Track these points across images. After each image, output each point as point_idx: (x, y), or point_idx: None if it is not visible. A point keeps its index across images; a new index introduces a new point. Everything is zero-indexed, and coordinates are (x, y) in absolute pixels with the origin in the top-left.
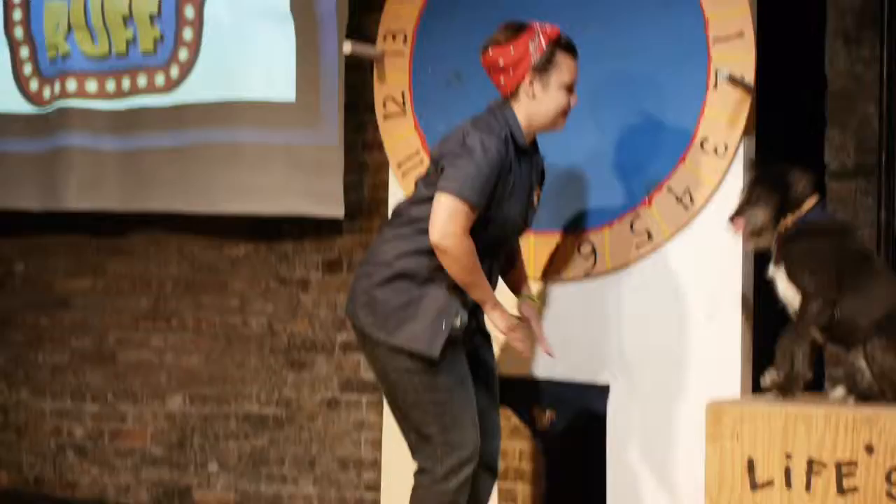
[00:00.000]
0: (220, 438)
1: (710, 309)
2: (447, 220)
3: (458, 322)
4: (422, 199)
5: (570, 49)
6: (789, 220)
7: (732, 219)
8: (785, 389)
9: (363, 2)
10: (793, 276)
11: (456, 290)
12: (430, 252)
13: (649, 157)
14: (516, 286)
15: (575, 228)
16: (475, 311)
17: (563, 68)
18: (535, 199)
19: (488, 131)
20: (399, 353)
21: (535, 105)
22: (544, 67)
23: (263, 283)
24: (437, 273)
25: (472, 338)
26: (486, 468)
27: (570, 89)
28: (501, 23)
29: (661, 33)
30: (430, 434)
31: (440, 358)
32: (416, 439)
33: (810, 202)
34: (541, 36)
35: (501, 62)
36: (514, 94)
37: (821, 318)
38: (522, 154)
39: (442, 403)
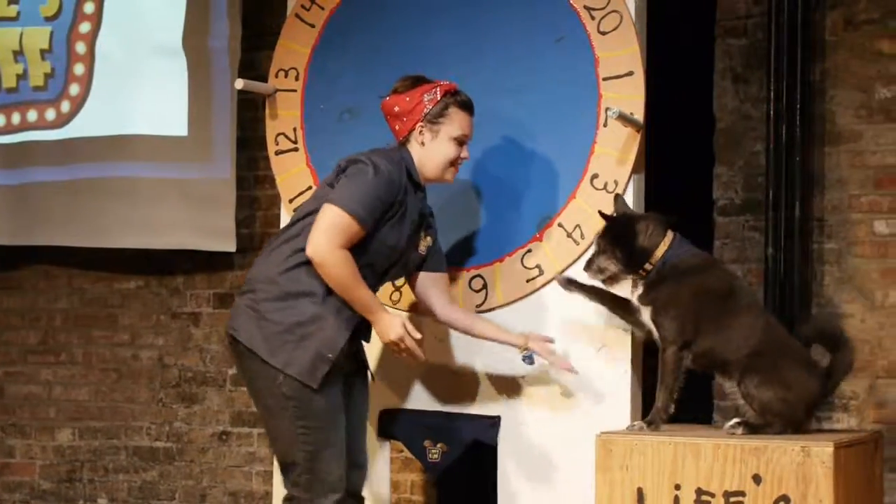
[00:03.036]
0: (110, 472)
1: (599, 342)
2: (325, 232)
3: (341, 355)
4: (304, 214)
5: (465, 106)
6: (647, 266)
7: (585, 269)
8: (650, 423)
9: (255, 38)
10: (655, 322)
11: (346, 320)
12: (312, 268)
13: (541, 193)
14: (495, 335)
15: (466, 263)
16: (355, 336)
17: (455, 121)
18: (423, 246)
19: (386, 157)
20: (278, 373)
21: (424, 152)
22: (436, 118)
23: (154, 316)
24: (328, 298)
25: (349, 362)
26: (353, 496)
27: (460, 142)
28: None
29: (553, 71)
30: (295, 461)
31: (319, 386)
32: (283, 464)
33: (664, 245)
34: (437, 89)
35: (396, 108)
36: (406, 140)
37: (677, 363)
38: (416, 189)
39: (312, 431)
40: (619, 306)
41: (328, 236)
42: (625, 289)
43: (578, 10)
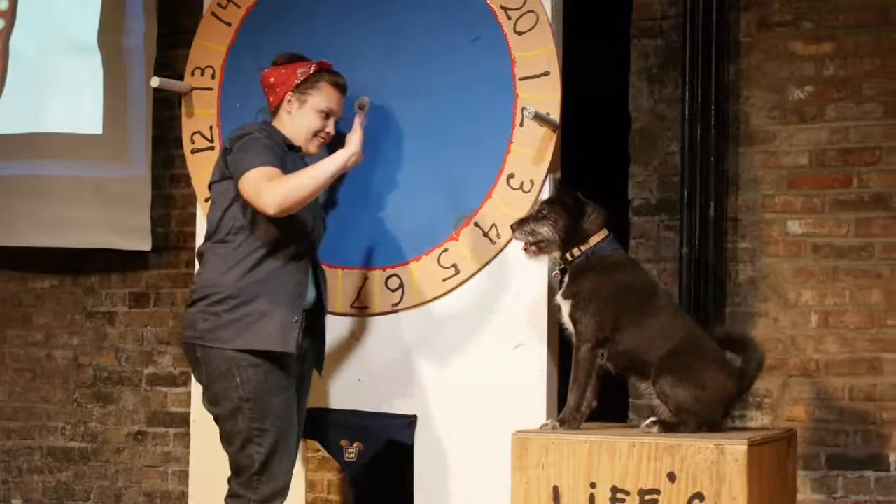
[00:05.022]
0: (24, 473)
1: (516, 340)
2: (260, 193)
3: (300, 337)
4: (220, 214)
5: (336, 84)
6: (576, 251)
7: (513, 226)
8: (564, 421)
9: (171, 36)
10: (573, 319)
11: (294, 297)
12: (256, 263)
13: (457, 193)
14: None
15: (382, 263)
16: (306, 332)
17: (323, 94)
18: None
19: (255, 125)
20: (235, 376)
21: (290, 121)
22: (305, 89)
23: (69, 316)
24: (278, 292)
25: (302, 364)
26: None
27: (326, 115)
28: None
29: (469, 71)
30: (250, 463)
31: (275, 386)
32: (236, 465)
33: (599, 236)
34: (313, 65)
35: (272, 80)
36: (276, 111)
37: (591, 361)
38: (293, 150)
39: (267, 434)
40: None
41: (266, 193)
42: (543, 262)
43: (495, 10)
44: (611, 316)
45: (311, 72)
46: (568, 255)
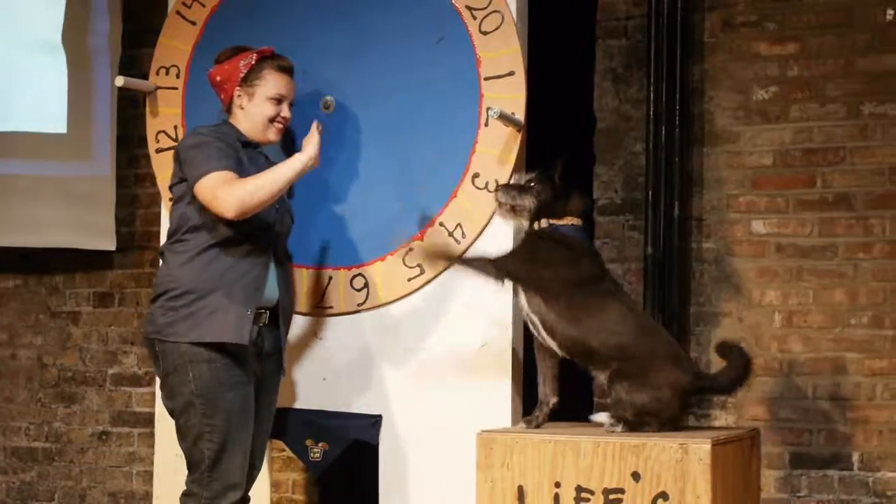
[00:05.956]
0: None
1: (481, 339)
2: (219, 199)
3: (254, 335)
4: (179, 213)
5: (281, 68)
6: (544, 222)
7: (499, 186)
8: (530, 421)
9: (136, 36)
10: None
11: (251, 290)
12: (213, 258)
13: (422, 193)
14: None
15: (347, 262)
16: (266, 331)
17: (270, 81)
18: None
19: (211, 128)
20: (188, 371)
21: (244, 115)
22: (251, 81)
23: (33, 315)
24: (221, 280)
25: (261, 363)
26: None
27: (278, 101)
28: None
29: (434, 71)
30: (200, 459)
31: (228, 382)
32: (189, 460)
33: (570, 220)
34: (254, 54)
35: (218, 78)
36: (229, 108)
37: (484, 271)
38: (250, 147)
39: (218, 430)
40: None
41: (222, 198)
42: (507, 224)
43: (460, 10)
44: (544, 272)
45: (254, 62)
46: (535, 225)
